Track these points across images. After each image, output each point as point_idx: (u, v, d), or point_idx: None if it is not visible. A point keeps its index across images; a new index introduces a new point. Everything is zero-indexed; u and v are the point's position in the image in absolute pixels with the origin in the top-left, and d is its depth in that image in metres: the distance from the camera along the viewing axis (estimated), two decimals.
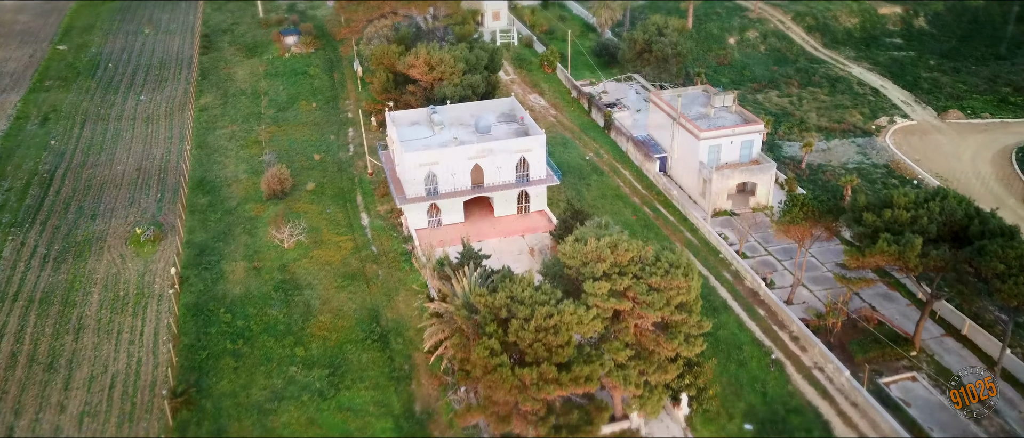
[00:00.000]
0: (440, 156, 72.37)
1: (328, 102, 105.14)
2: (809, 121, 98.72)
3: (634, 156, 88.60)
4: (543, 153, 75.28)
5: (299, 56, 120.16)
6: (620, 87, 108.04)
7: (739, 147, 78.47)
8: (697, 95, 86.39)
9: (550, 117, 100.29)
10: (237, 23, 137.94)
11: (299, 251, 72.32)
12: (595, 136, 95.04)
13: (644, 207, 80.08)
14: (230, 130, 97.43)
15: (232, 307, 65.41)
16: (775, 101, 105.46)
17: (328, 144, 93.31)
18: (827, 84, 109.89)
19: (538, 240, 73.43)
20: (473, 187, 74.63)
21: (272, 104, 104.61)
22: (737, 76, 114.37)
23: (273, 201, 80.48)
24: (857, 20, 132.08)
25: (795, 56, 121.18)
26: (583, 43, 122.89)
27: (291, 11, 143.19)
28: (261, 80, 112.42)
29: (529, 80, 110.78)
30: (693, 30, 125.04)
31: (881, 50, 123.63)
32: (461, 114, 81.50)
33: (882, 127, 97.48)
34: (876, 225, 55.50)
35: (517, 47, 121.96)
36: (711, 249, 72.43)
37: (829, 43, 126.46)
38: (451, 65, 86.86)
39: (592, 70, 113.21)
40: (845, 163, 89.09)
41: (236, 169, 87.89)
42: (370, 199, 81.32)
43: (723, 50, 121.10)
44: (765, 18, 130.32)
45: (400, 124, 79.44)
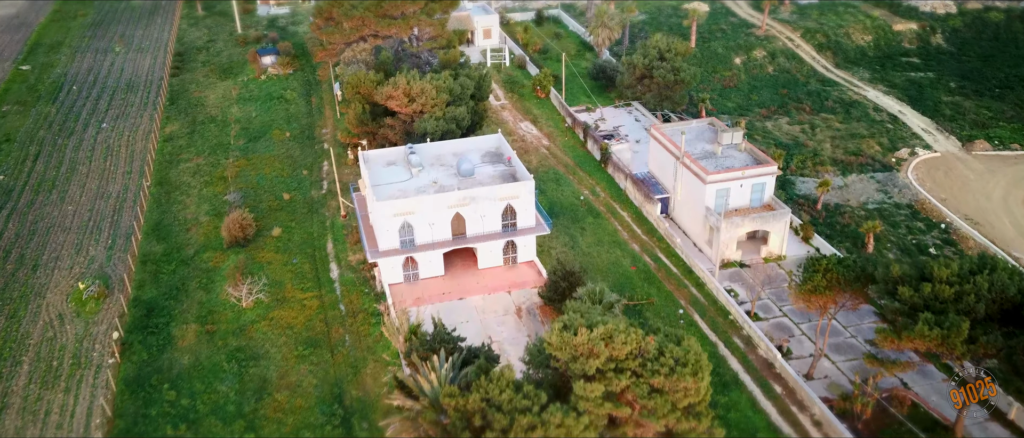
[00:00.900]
0: (417, 205, 64.65)
1: (303, 130, 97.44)
2: (823, 152, 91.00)
3: (633, 196, 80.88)
4: (532, 199, 67.56)
5: (275, 78, 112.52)
6: (618, 114, 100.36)
7: (750, 190, 70.75)
8: (703, 129, 78.72)
9: (542, 148, 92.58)
10: (213, 40, 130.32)
11: (258, 311, 64.60)
12: (591, 171, 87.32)
13: (644, 255, 72.33)
14: (195, 163, 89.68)
15: (178, 381, 57.66)
16: (785, 129, 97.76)
17: (299, 181, 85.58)
18: (841, 109, 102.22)
19: (526, 297, 65.66)
20: (454, 238, 66.90)
21: (243, 133, 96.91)
22: (744, 100, 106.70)
23: (234, 249, 72.76)
24: (870, 37, 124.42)
25: (806, 77, 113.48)
26: (579, 64, 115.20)
27: (271, 27, 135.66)
28: (233, 105, 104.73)
29: (521, 106, 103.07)
30: (696, 49, 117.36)
31: (897, 70, 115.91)
32: (443, 153, 73.82)
33: (903, 160, 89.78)
34: (914, 301, 47.77)
35: (509, 68, 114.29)
36: (719, 309, 64.68)
37: (842, 63, 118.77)
38: (433, 96, 79.10)
39: (588, 95, 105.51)
40: (864, 202, 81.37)
41: (197, 210, 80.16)
42: (341, 246, 73.58)
43: (729, 71, 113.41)
44: (773, 36, 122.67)
45: (374, 165, 71.74)
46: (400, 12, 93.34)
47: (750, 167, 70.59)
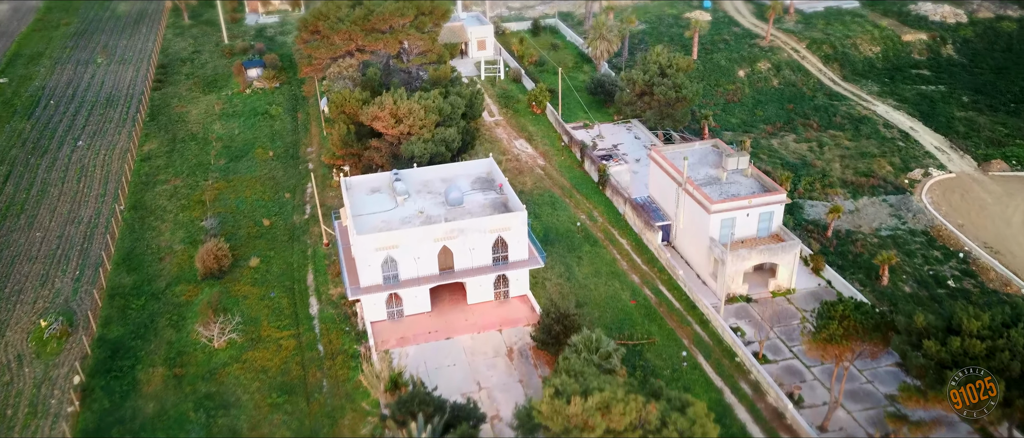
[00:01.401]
0: (401, 238, 60.31)
1: (287, 149, 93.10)
2: (832, 173, 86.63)
3: (633, 222, 76.53)
4: (525, 231, 63.21)
5: (261, 92, 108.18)
6: (617, 131, 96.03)
7: (757, 220, 66.41)
8: (706, 152, 74.39)
9: (537, 168, 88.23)
10: (198, 51, 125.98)
11: (231, 352, 60.25)
12: (588, 194, 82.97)
13: (644, 288, 67.96)
14: (172, 185, 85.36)
15: (141, 433, 53.32)
16: (792, 147, 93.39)
17: (281, 205, 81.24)
18: (850, 126, 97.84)
19: (518, 337, 61.31)
20: (441, 273, 62.56)
21: (224, 152, 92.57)
22: (748, 116, 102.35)
23: (209, 281, 68.41)
24: (878, 48, 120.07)
25: (812, 91, 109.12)
26: (576, 78, 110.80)
27: (259, 37, 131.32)
28: (216, 121, 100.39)
29: (515, 123, 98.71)
30: (698, 61, 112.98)
31: (907, 83, 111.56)
32: (430, 179, 69.54)
33: (916, 182, 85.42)
34: (941, 357, 43.43)
35: (503, 81, 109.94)
36: (725, 349, 60.31)
37: (849, 75, 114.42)
38: (421, 117, 74.80)
39: (585, 111, 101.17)
40: (877, 228, 77.03)
41: (172, 237, 75.82)
42: (322, 278, 69.25)
43: (732, 85, 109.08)
44: (777, 47, 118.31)
45: (357, 193, 67.42)
46: (388, 26, 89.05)
47: (757, 195, 66.25)
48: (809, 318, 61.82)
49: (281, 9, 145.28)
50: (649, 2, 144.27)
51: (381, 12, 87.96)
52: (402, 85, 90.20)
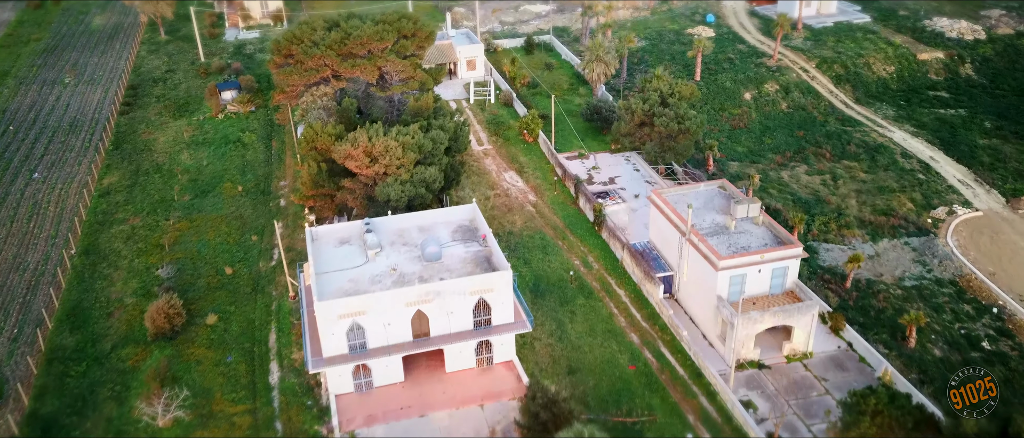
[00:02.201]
0: (368, 304, 53.34)
1: (259, 183, 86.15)
2: (848, 210, 79.68)
3: (631, 270, 69.56)
4: (510, 292, 56.21)
5: (234, 117, 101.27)
6: (615, 162, 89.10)
7: (770, 276, 59.47)
8: (712, 194, 67.47)
9: (528, 205, 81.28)
10: (173, 70, 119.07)
11: (177, 432, 53.28)
12: (583, 235, 76.02)
13: (644, 350, 61.01)
14: (130, 226, 78.42)
15: None
16: (804, 180, 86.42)
17: (247, 249, 74.28)
18: (866, 156, 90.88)
19: (502, 413, 54.29)
20: (415, 340, 55.60)
21: (190, 186, 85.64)
22: (756, 144, 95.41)
23: (160, 343, 61.46)
24: (892, 68, 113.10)
25: (823, 115, 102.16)
26: (572, 101, 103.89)
27: (237, 54, 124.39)
28: (184, 150, 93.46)
29: (506, 152, 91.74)
30: (702, 82, 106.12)
31: (924, 107, 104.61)
32: (406, 228, 62.62)
33: (940, 221, 78.45)
34: None
35: (494, 105, 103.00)
36: (735, 428, 53.35)
37: (862, 98, 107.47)
38: (399, 155, 67.86)
39: (581, 140, 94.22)
40: (900, 278, 70.05)
41: (124, 288, 68.87)
42: (285, 339, 62.30)
43: (738, 109, 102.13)
44: (786, 67, 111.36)
45: (324, 246, 60.48)
46: (367, 50, 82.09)
47: (770, 249, 59.26)
48: (830, 392, 54.89)
49: (262, 24, 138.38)
50: (649, 16, 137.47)
51: (359, 36, 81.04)
52: (381, 116, 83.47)
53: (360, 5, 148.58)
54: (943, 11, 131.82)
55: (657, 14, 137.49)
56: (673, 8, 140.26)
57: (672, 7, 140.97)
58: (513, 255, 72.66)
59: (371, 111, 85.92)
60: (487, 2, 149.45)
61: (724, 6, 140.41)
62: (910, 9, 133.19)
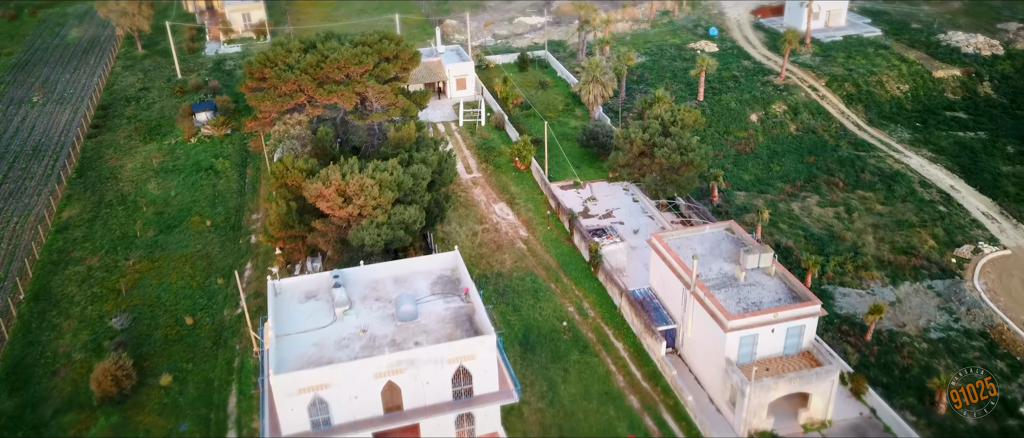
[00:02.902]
0: (333, 376, 47.15)
1: (229, 216, 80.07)
2: (866, 248, 73.63)
3: (631, 321, 63.46)
4: (494, 359, 50.06)
5: (208, 141, 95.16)
6: (613, 192, 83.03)
7: (784, 336, 53.41)
8: (719, 239, 61.39)
9: (519, 241, 75.20)
10: (147, 88, 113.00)
11: None
12: (577, 277, 69.91)
13: (645, 416, 54.94)
14: (86, 266, 72.35)
15: None
16: (816, 213, 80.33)
17: (212, 294, 68.18)
18: (881, 185, 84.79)
19: None
20: (386, 414, 49.40)
21: (155, 220, 79.56)
22: (763, 171, 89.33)
23: (106, 408, 55.35)
24: (907, 87, 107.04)
25: (835, 138, 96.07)
26: (567, 124, 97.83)
27: (216, 71, 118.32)
28: (152, 179, 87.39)
29: (496, 181, 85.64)
30: (705, 103, 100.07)
31: (941, 128, 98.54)
32: (381, 279, 56.42)
33: (966, 261, 72.36)
34: None
35: (484, 128, 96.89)
36: None
37: (875, 119, 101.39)
38: (375, 195, 61.83)
39: (575, 169, 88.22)
40: (925, 328, 63.97)
41: (73, 341, 62.77)
42: (247, 404, 56.23)
43: (744, 132, 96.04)
44: (794, 85, 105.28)
45: (287, 300, 54.35)
46: (345, 75, 75.94)
47: (785, 306, 53.13)
48: None
49: (244, 37, 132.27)
50: (649, 28, 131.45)
51: (336, 59, 74.88)
52: (361, 145, 77.55)
53: (347, 16, 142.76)
54: (958, 24, 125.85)
55: (658, 27, 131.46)
56: (674, 20, 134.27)
57: (673, 19, 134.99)
58: (502, 300, 66.67)
59: (350, 140, 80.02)
60: (480, 14, 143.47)
61: (727, 18, 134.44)
62: (923, 22, 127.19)
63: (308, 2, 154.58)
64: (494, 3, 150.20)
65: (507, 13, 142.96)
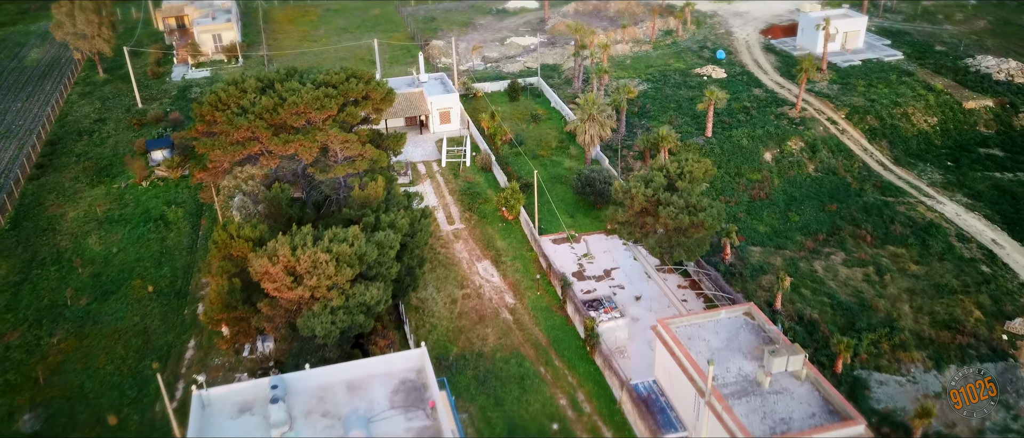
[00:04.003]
0: None
1: (175, 279, 70.50)
2: (902, 321, 64.03)
3: (634, 421, 53.88)
4: None
5: (161, 185, 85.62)
6: (612, 246, 73.56)
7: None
8: (737, 327, 51.92)
9: (504, 311, 65.63)
10: (103, 119, 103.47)
11: None
12: (571, 358, 60.32)
13: None
14: (3, 345, 62.69)
15: None
16: (842, 274, 70.73)
17: (144, 383, 58.58)
18: (914, 239, 75.19)
19: None
20: None
21: (91, 283, 70.05)
22: (780, 220, 79.74)
23: None
24: (935, 120, 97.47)
25: (858, 181, 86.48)
26: (561, 164, 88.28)
27: (180, 99, 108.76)
28: (94, 231, 77.83)
29: (480, 235, 76.07)
30: (714, 140, 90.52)
31: (976, 168, 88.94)
32: (329, 384, 46.85)
33: (1019, 338, 62.70)
34: None
35: (469, 169, 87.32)
36: None
37: (902, 157, 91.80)
38: (330, 273, 52.34)
39: (570, 212, 78.78)
40: (980, 430, 54.32)
41: None
42: None
43: (757, 173, 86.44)
44: (811, 118, 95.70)
45: (217, 415, 44.76)
46: (305, 121, 66.45)
47: (822, 428, 43.54)
48: None
49: (215, 61, 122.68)
50: (651, 50, 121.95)
51: (295, 103, 65.37)
52: (322, 202, 68.03)
53: (328, 36, 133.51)
54: (985, 46, 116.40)
55: (660, 49, 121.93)
56: (678, 41, 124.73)
57: (677, 40, 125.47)
58: (482, 390, 57.19)
59: (311, 195, 70.47)
60: (470, 33, 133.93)
61: (735, 39, 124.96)
62: (947, 44, 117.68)
63: (286, 22, 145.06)
64: (485, 21, 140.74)
65: (499, 32, 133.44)
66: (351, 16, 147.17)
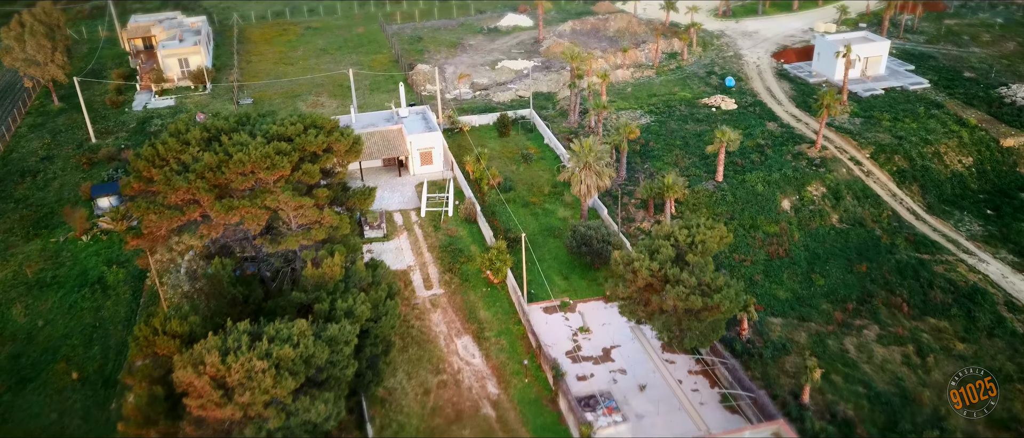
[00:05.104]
0: None
1: (106, 363, 60.92)
2: (952, 422, 54.48)
3: None
4: None
5: (105, 239, 76.10)
6: (610, 317, 64.13)
7: None
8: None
9: (486, 403, 56.15)
10: (52, 156, 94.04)
11: None
12: None
13: None
14: None
15: None
16: (878, 356, 61.21)
17: None
18: (958, 309, 65.70)
19: None
20: None
21: (8, 367, 60.57)
22: (802, 283, 70.21)
23: None
24: (970, 160, 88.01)
25: (888, 234, 76.95)
26: (554, 212, 78.81)
27: (139, 132, 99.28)
28: (20, 298, 68.33)
29: (462, 303, 66.54)
30: (725, 185, 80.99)
31: (1020, 217, 79.48)
32: None
33: None
34: None
35: (452, 220, 77.82)
36: None
37: (935, 204, 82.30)
38: (268, 387, 42.84)
39: (564, 273, 69.41)
40: None
41: None
42: None
43: (774, 225, 76.88)
44: (832, 158, 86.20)
45: None
46: (254, 181, 56.82)
47: None
48: None
49: (182, 88, 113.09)
50: (654, 75, 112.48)
51: (241, 161, 55.74)
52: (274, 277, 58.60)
53: (306, 58, 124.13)
54: (1018, 71, 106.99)
55: (664, 75, 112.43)
56: (683, 66, 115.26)
57: (682, 64, 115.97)
58: None
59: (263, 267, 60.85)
60: (459, 55, 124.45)
61: (746, 62, 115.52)
62: (976, 70, 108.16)
63: (263, 42, 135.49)
64: (475, 41, 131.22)
65: (489, 54, 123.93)
66: (332, 35, 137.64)
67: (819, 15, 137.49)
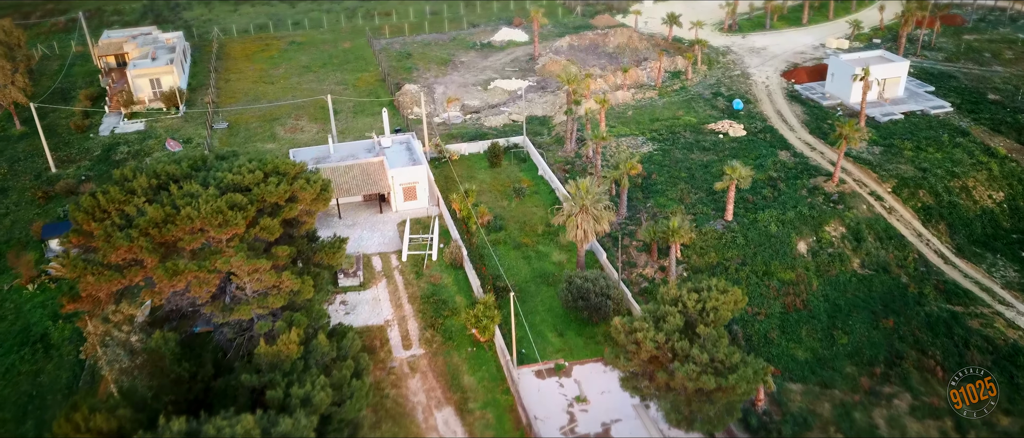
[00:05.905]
0: None
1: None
2: None
3: None
4: None
5: (54, 288, 69.19)
6: (610, 382, 57.14)
7: None
8: None
9: None
10: (7, 189, 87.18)
11: None
12: None
13: None
14: None
15: None
16: (911, 433, 54.27)
17: None
18: (998, 372, 58.68)
19: None
20: None
21: None
22: (823, 342, 63.23)
23: None
24: (1001, 194, 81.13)
25: (916, 280, 69.99)
26: (548, 256, 71.89)
27: (104, 160, 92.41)
28: None
29: (444, 366, 59.56)
30: (735, 224, 74.06)
31: None
32: None
33: None
34: None
35: (435, 265, 70.89)
36: None
37: (965, 245, 75.38)
38: None
39: (559, 329, 62.49)
40: None
41: None
42: None
43: (791, 272, 69.88)
44: (851, 193, 79.28)
45: None
46: (203, 240, 49.85)
47: None
48: None
49: (152, 110, 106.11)
50: (656, 97, 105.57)
51: (189, 217, 48.84)
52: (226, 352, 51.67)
53: (288, 75, 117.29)
54: None
55: (667, 96, 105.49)
56: (687, 86, 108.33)
57: (686, 84, 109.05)
58: None
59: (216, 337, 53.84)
60: (450, 74, 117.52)
61: (754, 83, 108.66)
62: (1000, 91, 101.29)
63: (243, 58, 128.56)
64: (467, 58, 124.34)
65: (482, 73, 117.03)
66: (317, 51, 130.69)
67: (830, 30, 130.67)
